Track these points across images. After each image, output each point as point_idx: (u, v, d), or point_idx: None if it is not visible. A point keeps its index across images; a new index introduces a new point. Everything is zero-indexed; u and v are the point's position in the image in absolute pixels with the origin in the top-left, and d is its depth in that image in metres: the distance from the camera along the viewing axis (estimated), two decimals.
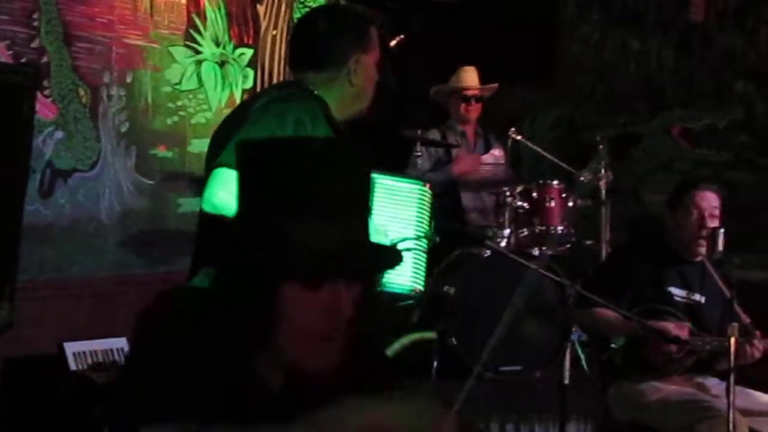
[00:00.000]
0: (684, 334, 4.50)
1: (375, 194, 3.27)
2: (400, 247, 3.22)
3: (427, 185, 3.45)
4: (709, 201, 4.70)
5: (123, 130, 6.17)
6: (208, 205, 3.05)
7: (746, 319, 4.56)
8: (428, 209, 3.43)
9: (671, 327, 4.46)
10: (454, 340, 5.88)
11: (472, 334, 5.84)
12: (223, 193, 2.95)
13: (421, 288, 4.08)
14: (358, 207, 1.92)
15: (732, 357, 4.01)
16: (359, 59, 3.27)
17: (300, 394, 1.87)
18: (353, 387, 1.87)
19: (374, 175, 3.13)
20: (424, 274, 4.00)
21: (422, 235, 3.38)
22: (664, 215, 4.85)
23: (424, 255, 3.55)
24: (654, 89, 8.22)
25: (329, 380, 1.88)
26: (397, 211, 3.33)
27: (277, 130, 3.00)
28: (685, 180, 5.10)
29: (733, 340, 4.03)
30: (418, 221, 3.37)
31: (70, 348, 5.28)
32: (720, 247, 4.52)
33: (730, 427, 3.95)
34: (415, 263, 3.67)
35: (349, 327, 1.89)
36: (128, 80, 6.21)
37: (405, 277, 3.77)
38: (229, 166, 2.92)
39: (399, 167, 6.63)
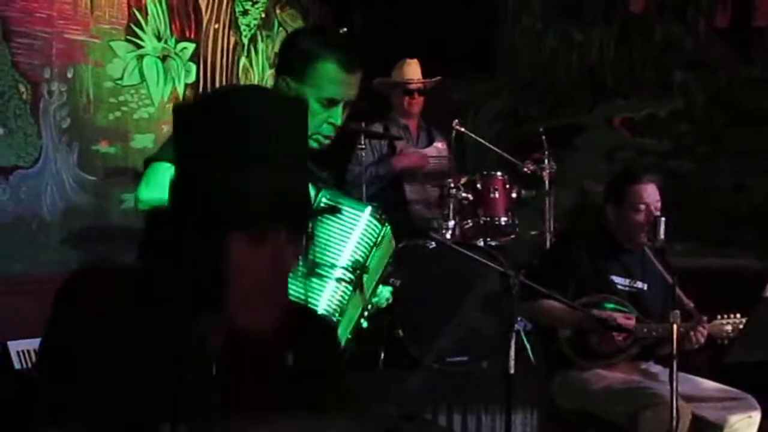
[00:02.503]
0: (630, 324, 4.55)
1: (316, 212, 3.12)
2: (317, 272, 2.96)
3: (379, 212, 3.19)
4: (652, 194, 4.74)
5: (64, 126, 6.12)
6: (137, 204, 3.05)
7: (689, 304, 4.61)
8: (370, 238, 3.16)
9: (618, 317, 4.50)
10: (400, 331, 5.89)
11: (417, 325, 5.87)
12: (146, 188, 2.97)
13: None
14: (295, 158, 1.91)
15: (674, 343, 4.06)
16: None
17: (241, 355, 1.86)
18: (291, 349, 1.91)
19: (321, 193, 3.04)
20: (342, 306, 3.10)
21: (352, 264, 3.05)
22: (606, 207, 4.88)
23: (349, 288, 3.08)
24: (595, 80, 8.28)
25: (269, 341, 1.87)
26: (333, 234, 3.06)
27: None
28: (624, 172, 5.11)
29: (675, 326, 4.07)
30: (355, 249, 3.10)
31: (14, 346, 5.23)
32: (662, 235, 4.56)
33: (674, 414, 4.00)
34: (334, 293, 3.04)
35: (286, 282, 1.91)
36: (69, 76, 6.16)
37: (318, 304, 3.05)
38: (155, 159, 2.95)
39: (342, 160, 6.63)
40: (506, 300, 5.95)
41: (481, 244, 6.34)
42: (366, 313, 3.23)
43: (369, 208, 3.12)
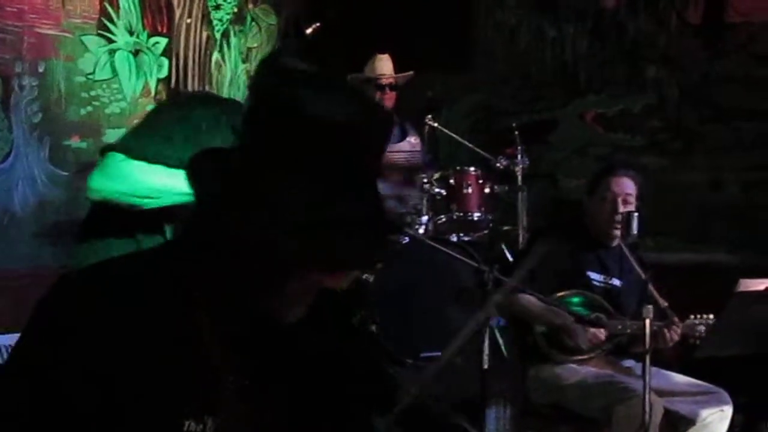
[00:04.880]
0: (600, 338, 4.60)
1: None
2: None
3: None
4: (623, 186, 4.75)
5: (36, 120, 6.07)
6: (88, 192, 3.06)
7: (664, 303, 4.62)
8: None
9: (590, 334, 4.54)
10: (374, 327, 5.89)
11: (391, 320, 5.86)
12: (99, 177, 2.99)
13: None
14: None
15: (647, 338, 4.07)
16: None
17: (263, 339, 1.77)
18: (310, 328, 1.80)
19: None
20: None
21: None
22: (583, 200, 4.91)
23: None
24: (568, 75, 8.30)
25: (294, 325, 1.77)
26: None
27: (170, 133, 3.04)
28: (604, 166, 5.15)
29: (647, 321, 4.08)
30: None
31: None
32: (634, 230, 4.57)
33: (646, 408, 4.01)
34: None
35: None
36: (40, 70, 6.11)
37: None
38: (112, 149, 2.95)
39: None
40: (480, 295, 6.00)
41: (455, 239, 6.35)
42: None
43: None
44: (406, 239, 6.08)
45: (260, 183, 1.64)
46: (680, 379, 4.70)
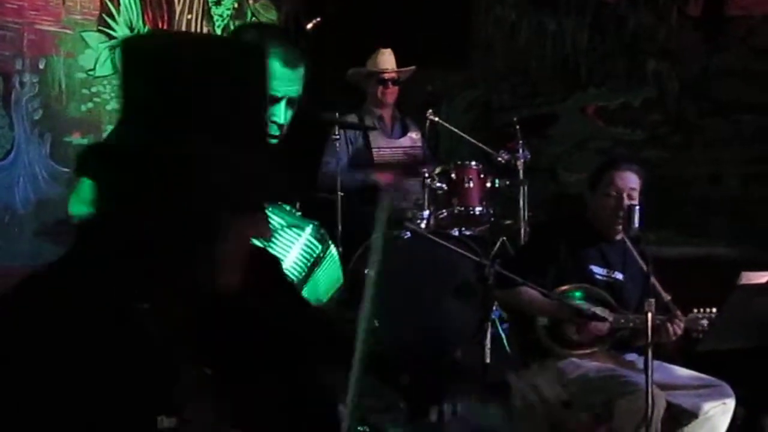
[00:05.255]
0: (607, 314, 4.58)
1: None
2: None
3: (320, 232, 3.16)
4: (627, 181, 4.75)
5: (36, 117, 6.08)
6: (69, 217, 3.06)
7: (666, 297, 4.62)
8: (308, 257, 3.13)
9: (598, 309, 4.52)
10: (375, 321, 5.88)
11: (393, 315, 5.86)
12: (76, 203, 2.98)
13: None
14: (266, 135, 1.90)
15: (649, 332, 4.07)
16: None
17: (207, 317, 1.81)
18: (252, 296, 1.85)
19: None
20: None
21: None
22: (585, 195, 4.90)
23: None
24: (569, 69, 8.30)
25: (233, 294, 1.81)
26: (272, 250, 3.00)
27: None
28: (606, 160, 5.14)
29: (650, 315, 4.08)
30: (291, 267, 3.07)
31: None
32: (636, 224, 4.57)
33: (649, 401, 4.01)
34: None
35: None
36: (41, 67, 6.12)
37: None
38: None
39: (316, 151, 6.63)
40: (481, 289, 6.00)
41: (456, 233, 6.35)
42: None
43: (310, 227, 3.09)
44: (408, 234, 6.07)
45: (157, 147, 1.68)
46: (682, 372, 4.70)
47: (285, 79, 2.93)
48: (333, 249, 3.20)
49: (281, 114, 2.94)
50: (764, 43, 7.65)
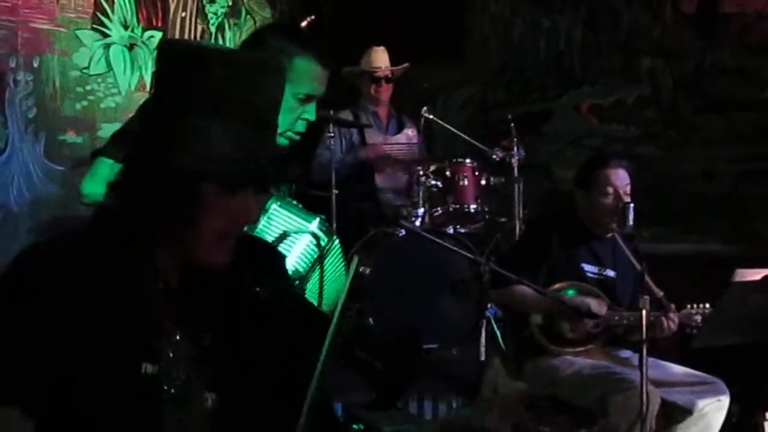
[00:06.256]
0: (602, 311, 4.57)
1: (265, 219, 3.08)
2: None
3: (326, 225, 3.19)
4: (621, 178, 4.76)
5: (31, 115, 6.07)
6: (81, 197, 3.06)
7: (659, 293, 4.63)
8: (314, 250, 3.14)
9: (593, 304, 4.49)
10: (370, 319, 5.89)
11: (388, 313, 5.86)
12: (90, 182, 2.98)
13: None
14: (271, 117, 1.99)
15: (644, 329, 4.07)
16: None
17: (196, 287, 1.97)
18: (241, 278, 2.01)
19: (271, 200, 3.02)
20: None
21: (291, 275, 3.02)
22: (575, 193, 4.90)
23: None
24: (563, 66, 8.30)
25: (221, 273, 1.97)
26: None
27: None
28: (595, 158, 5.12)
29: (644, 312, 4.09)
30: (297, 260, 3.08)
31: None
32: (630, 221, 4.58)
33: (643, 398, 4.02)
34: None
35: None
36: (35, 65, 6.11)
37: None
38: (101, 153, 2.95)
39: (311, 148, 6.63)
40: (477, 287, 6.01)
41: (451, 231, 6.35)
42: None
43: (317, 220, 3.13)
44: (403, 232, 6.08)
45: (171, 127, 1.88)
46: (677, 369, 4.71)
47: (321, 80, 3.01)
48: (337, 242, 3.25)
49: (312, 112, 3.03)
50: (758, 40, 7.66)
